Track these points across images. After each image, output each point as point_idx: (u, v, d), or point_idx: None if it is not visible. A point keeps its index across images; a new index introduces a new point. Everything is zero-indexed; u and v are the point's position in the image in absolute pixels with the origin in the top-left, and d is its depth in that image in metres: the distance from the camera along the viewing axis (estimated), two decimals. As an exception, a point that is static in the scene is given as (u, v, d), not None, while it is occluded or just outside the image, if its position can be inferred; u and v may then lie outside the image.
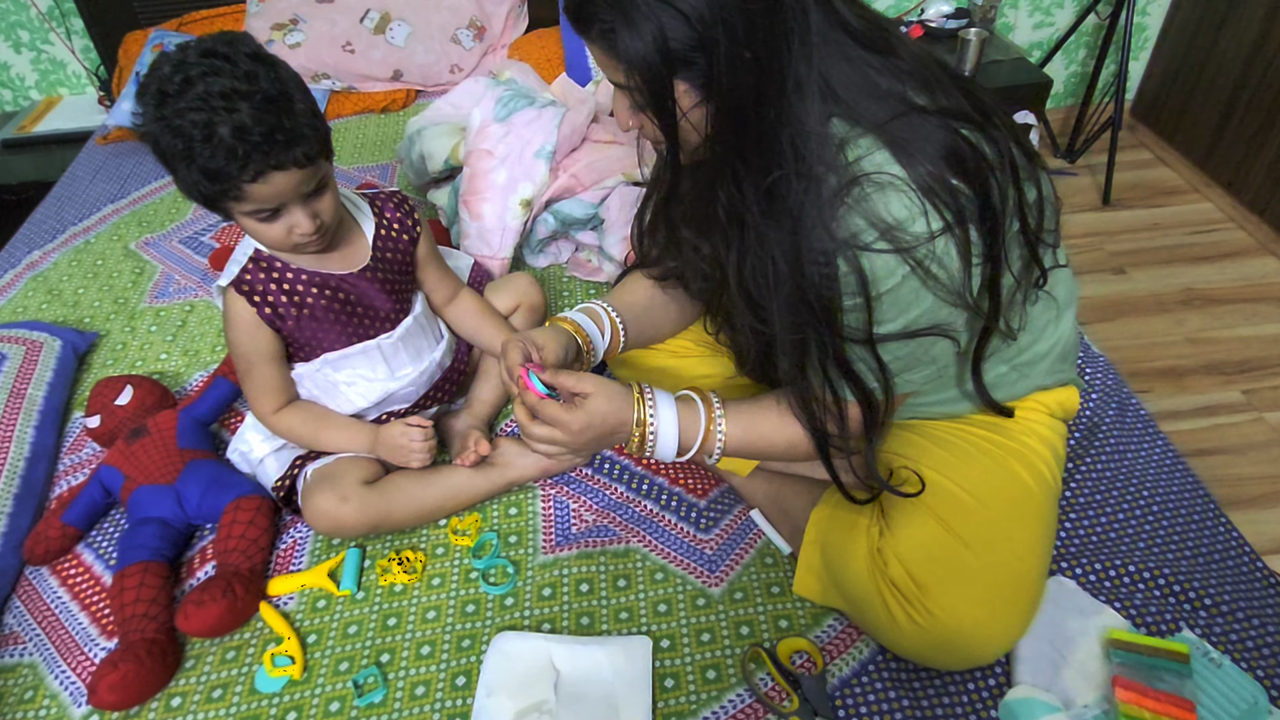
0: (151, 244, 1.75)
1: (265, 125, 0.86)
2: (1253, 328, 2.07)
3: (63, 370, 1.36)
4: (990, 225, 0.74)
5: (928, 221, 0.72)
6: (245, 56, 0.87)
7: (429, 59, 2.22)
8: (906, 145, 0.73)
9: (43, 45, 2.46)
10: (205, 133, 0.84)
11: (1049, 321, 0.95)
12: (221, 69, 0.85)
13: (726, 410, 0.91)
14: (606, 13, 0.71)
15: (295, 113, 0.89)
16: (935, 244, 0.73)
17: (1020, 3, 2.66)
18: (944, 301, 0.76)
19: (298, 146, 0.89)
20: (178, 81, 0.84)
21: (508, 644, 0.96)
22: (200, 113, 0.84)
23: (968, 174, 0.73)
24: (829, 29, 0.73)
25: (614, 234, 1.48)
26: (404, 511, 1.10)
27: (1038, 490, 0.92)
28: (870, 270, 0.74)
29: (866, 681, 0.92)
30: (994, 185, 0.74)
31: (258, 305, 1.03)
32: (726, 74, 0.70)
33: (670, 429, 0.89)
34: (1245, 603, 0.97)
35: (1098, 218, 2.49)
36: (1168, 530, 1.06)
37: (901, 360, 0.82)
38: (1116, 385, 1.26)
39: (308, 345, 1.09)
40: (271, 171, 0.89)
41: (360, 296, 1.09)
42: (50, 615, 1.06)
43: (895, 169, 0.72)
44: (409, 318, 1.14)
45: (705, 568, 1.05)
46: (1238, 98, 2.39)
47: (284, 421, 1.10)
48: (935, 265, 0.74)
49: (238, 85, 0.85)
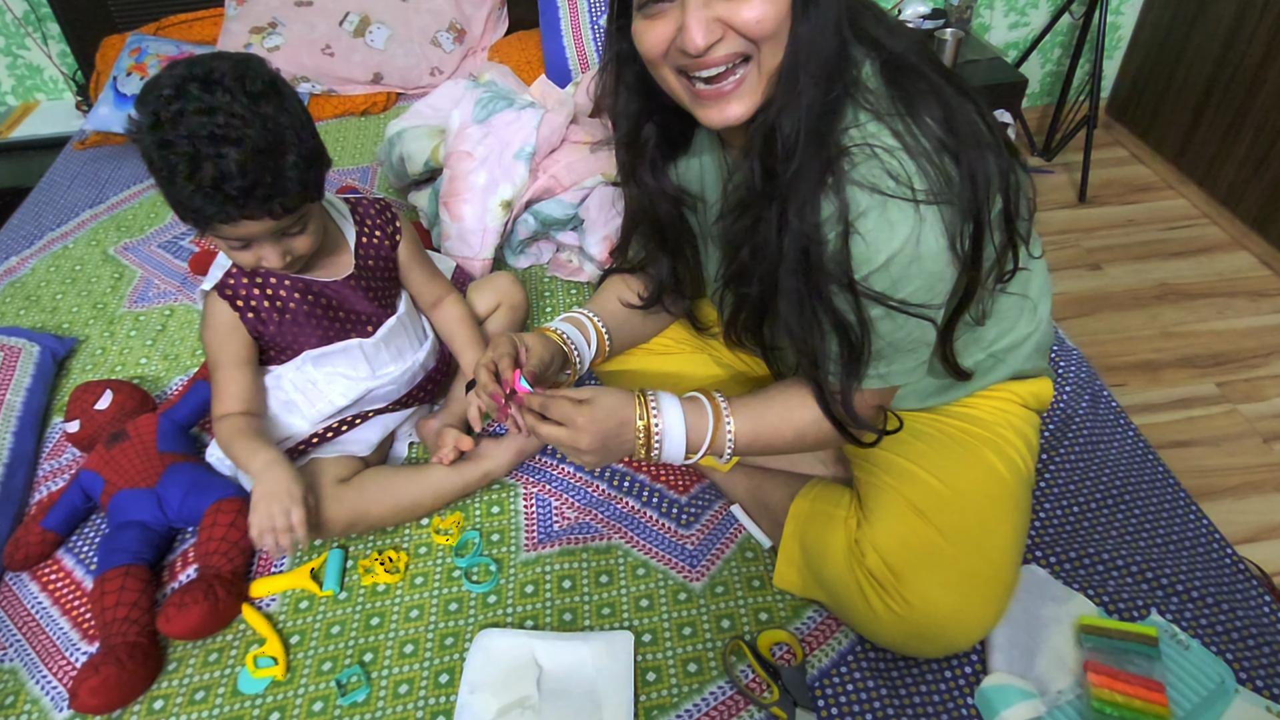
0: (130, 249, 1.75)
1: (248, 178, 0.86)
2: (1226, 321, 2.11)
3: (41, 376, 1.35)
4: (975, 192, 0.76)
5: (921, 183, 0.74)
6: (247, 95, 0.86)
7: (409, 62, 2.22)
8: (912, 93, 0.75)
9: (19, 50, 2.44)
10: (189, 170, 0.85)
11: (1025, 311, 0.96)
12: (218, 107, 0.84)
13: (733, 406, 0.92)
14: None
15: (283, 166, 0.89)
16: (928, 208, 0.74)
17: (996, 3, 2.69)
18: (938, 264, 0.77)
19: (276, 199, 0.89)
20: (173, 111, 0.84)
21: (490, 641, 0.97)
22: (187, 150, 0.84)
23: (962, 138, 0.74)
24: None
25: (594, 234, 1.49)
26: (381, 508, 1.10)
27: (1011, 480, 0.93)
28: (861, 245, 0.75)
29: (845, 671, 0.94)
30: (984, 156, 0.75)
31: (240, 310, 1.04)
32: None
33: (678, 428, 0.89)
34: (1215, 588, 0.98)
35: (1074, 215, 2.53)
36: (1139, 519, 1.08)
37: (889, 346, 0.83)
38: (1090, 378, 1.28)
39: (289, 348, 1.09)
40: (243, 219, 0.90)
41: (342, 301, 1.10)
42: (31, 620, 1.05)
43: (888, 138, 0.74)
44: (392, 318, 1.15)
45: (686, 563, 1.06)
46: (1210, 95, 2.43)
47: (223, 425, 1.05)
48: (930, 221, 0.74)
49: (230, 130, 0.84)
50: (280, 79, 0.93)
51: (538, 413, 0.89)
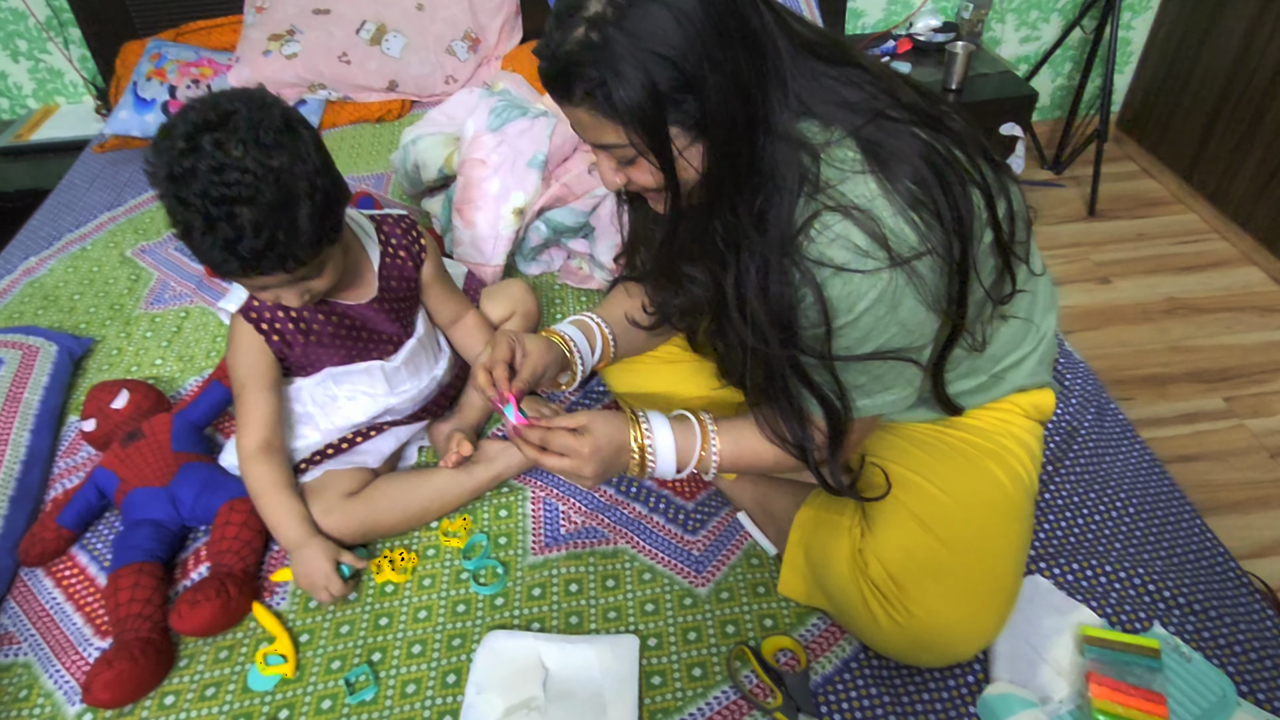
0: (147, 251, 1.77)
1: (261, 238, 0.85)
2: (1235, 336, 2.11)
3: (59, 374, 1.37)
4: (961, 237, 0.76)
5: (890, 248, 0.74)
6: (260, 147, 0.84)
7: (424, 70, 2.24)
8: (883, 155, 0.75)
9: (40, 54, 2.48)
10: (204, 227, 0.85)
11: (1029, 331, 0.97)
12: (228, 165, 0.83)
13: (720, 428, 0.94)
14: (592, 69, 0.70)
15: (297, 219, 0.87)
16: (915, 263, 0.74)
17: (1007, 17, 2.70)
18: (916, 317, 0.77)
19: (291, 258, 0.89)
20: (185, 167, 0.83)
21: (498, 643, 0.98)
22: (200, 209, 0.84)
23: (945, 183, 0.75)
24: (795, 50, 0.76)
25: (605, 242, 1.51)
26: (391, 517, 1.11)
27: (1014, 490, 0.94)
28: (831, 299, 0.76)
29: (849, 678, 0.94)
30: (966, 194, 0.76)
31: (265, 333, 1.05)
32: (717, 108, 0.72)
33: (668, 446, 0.91)
34: (1218, 602, 0.99)
35: (1084, 228, 2.53)
36: (1143, 532, 1.08)
37: (868, 384, 0.84)
38: (1095, 390, 1.29)
39: (311, 365, 1.10)
40: (257, 275, 0.90)
41: (366, 322, 1.11)
42: (45, 615, 1.07)
43: (868, 190, 0.74)
44: (412, 339, 1.16)
45: (692, 568, 1.07)
46: (1221, 110, 2.43)
47: (252, 468, 1.06)
48: (914, 281, 0.75)
49: (241, 190, 0.83)
50: (296, 118, 0.91)
51: (538, 445, 0.91)
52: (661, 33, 0.68)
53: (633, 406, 0.94)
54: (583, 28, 0.70)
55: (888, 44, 2.54)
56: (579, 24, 0.71)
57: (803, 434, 0.88)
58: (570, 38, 0.71)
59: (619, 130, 0.74)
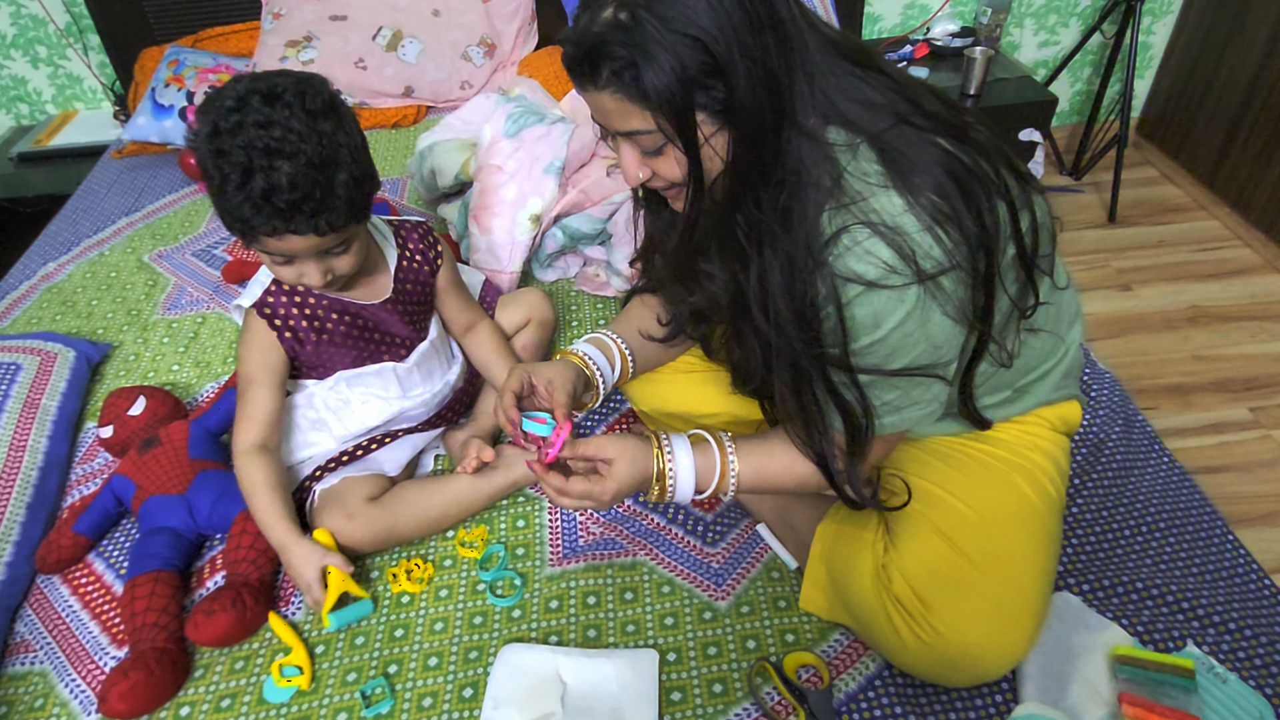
0: (165, 256, 1.77)
1: (298, 191, 0.87)
2: (1259, 345, 2.07)
3: (76, 381, 1.37)
4: (986, 250, 0.75)
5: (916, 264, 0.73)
6: (306, 112, 0.87)
7: (440, 76, 2.24)
8: (903, 165, 0.73)
9: (60, 60, 2.50)
10: (240, 180, 0.86)
11: (1054, 344, 0.95)
12: (276, 120, 0.86)
13: (739, 450, 0.92)
14: (621, 50, 0.70)
15: (334, 183, 0.89)
16: (941, 279, 0.73)
17: (1026, 21, 2.68)
18: (944, 332, 0.76)
19: (322, 216, 0.90)
20: (232, 122, 0.86)
21: (515, 656, 0.97)
22: (241, 160, 0.85)
23: (967, 195, 0.74)
24: (823, 46, 0.75)
25: (621, 249, 1.49)
26: (411, 523, 1.11)
27: (1041, 504, 0.92)
28: (857, 317, 0.75)
29: (873, 697, 0.92)
30: (991, 206, 0.75)
31: (278, 329, 1.04)
32: (745, 95, 0.71)
33: (688, 474, 0.90)
34: (1253, 619, 0.96)
35: (1104, 235, 2.50)
36: (1174, 547, 1.06)
37: (894, 400, 0.82)
38: (1122, 402, 1.27)
39: (322, 366, 1.10)
40: (288, 234, 0.91)
41: (379, 323, 1.10)
42: (61, 624, 1.06)
43: (894, 205, 0.73)
44: (425, 342, 1.16)
45: (712, 581, 1.06)
46: (1243, 115, 2.40)
47: (245, 465, 1.05)
48: (940, 297, 0.74)
49: (285, 144, 0.86)
50: (340, 100, 0.94)
51: (558, 488, 0.90)
52: (692, 15, 0.68)
53: (657, 432, 0.92)
54: (612, 8, 0.70)
55: (905, 49, 2.52)
56: (608, 5, 0.70)
57: (824, 442, 0.86)
58: (599, 18, 0.70)
59: (645, 115, 0.73)
